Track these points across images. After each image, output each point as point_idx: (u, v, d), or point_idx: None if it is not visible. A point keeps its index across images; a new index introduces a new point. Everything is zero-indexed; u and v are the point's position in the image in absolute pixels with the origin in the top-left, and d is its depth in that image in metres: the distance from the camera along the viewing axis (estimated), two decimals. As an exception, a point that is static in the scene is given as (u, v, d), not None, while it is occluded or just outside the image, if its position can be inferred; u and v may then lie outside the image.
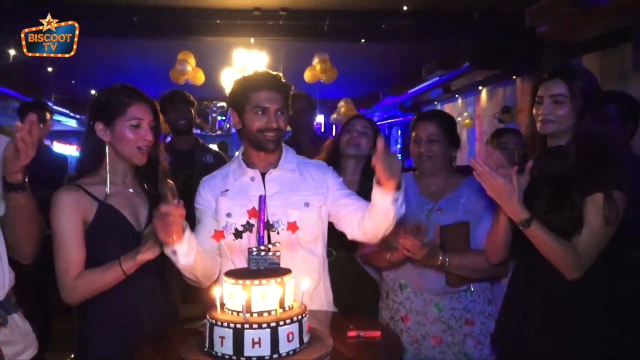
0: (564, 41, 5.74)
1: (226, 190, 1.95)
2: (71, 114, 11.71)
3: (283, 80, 1.94)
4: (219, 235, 1.56)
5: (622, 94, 2.55)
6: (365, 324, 1.73)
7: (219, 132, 8.18)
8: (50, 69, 7.70)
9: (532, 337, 1.76)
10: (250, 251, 1.52)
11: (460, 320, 2.14)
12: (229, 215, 1.88)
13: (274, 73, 1.96)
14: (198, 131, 9.39)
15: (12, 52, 6.72)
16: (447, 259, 2.01)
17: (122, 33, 6.16)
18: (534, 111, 1.81)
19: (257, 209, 1.60)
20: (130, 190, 1.85)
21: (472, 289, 2.16)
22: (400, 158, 11.56)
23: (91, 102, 1.83)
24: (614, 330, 1.69)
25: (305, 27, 6.12)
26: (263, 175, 1.96)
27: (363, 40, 6.54)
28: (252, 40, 6.59)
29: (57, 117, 11.88)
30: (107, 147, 1.79)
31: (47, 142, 11.73)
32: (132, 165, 1.84)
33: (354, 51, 7.66)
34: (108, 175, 1.78)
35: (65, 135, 12.67)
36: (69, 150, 12.93)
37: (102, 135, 1.78)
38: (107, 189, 1.77)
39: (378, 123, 13.76)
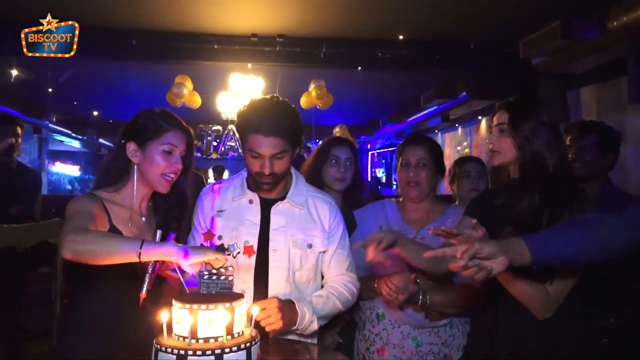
0: (559, 73, 5.74)
1: (222, 211, 1.91)
2: (73, 134, 11.76)
3: (287, 121, 1.78)
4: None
5: (601, 125, 2.50)
6: (326, 355, 1.68)
7: (214, 156, 8.20)
8: (50, 90, 7.79)
9: None
10: (200, 275, 1.48)
11: (438, 355, 2.06)
12: (220, 237, 1.82)
13: (279, 112, 1.79)
14: (198, 154, 9.41)
15: (14, 72, 6.81)
16: (427, 299, 1.95)
17: (122, 56, 6.24)
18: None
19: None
20: (143, 219, 1.81)
21: (452, 322, 2.08)
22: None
23: (128, 121, 1.81)
24: None
25: (301, 54, 6.18)
26: (267, 201, 1.91)
27: (359, 68, 6.60)
28: (249, 65, 6.68)
29: (59, 137, 11.96)
30: (134, 169, 1.76)
31: (45, 161, 11.63)
32: (153, 191, 1.81)
33: (351, 78, 7.73)
34: (135, 200, 1.76)
35: (66, 156, 12.76)
36: (70, 170, 13.00)
37: (132, 155, 1.75)
38: (130, 222, 1.74)
39: (379, 150, 13.77)
